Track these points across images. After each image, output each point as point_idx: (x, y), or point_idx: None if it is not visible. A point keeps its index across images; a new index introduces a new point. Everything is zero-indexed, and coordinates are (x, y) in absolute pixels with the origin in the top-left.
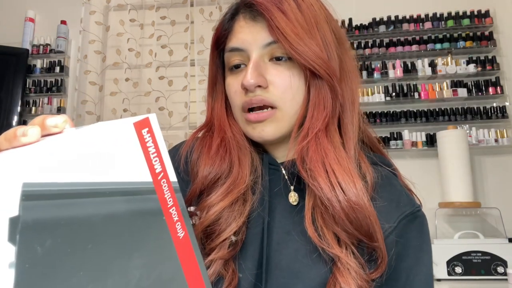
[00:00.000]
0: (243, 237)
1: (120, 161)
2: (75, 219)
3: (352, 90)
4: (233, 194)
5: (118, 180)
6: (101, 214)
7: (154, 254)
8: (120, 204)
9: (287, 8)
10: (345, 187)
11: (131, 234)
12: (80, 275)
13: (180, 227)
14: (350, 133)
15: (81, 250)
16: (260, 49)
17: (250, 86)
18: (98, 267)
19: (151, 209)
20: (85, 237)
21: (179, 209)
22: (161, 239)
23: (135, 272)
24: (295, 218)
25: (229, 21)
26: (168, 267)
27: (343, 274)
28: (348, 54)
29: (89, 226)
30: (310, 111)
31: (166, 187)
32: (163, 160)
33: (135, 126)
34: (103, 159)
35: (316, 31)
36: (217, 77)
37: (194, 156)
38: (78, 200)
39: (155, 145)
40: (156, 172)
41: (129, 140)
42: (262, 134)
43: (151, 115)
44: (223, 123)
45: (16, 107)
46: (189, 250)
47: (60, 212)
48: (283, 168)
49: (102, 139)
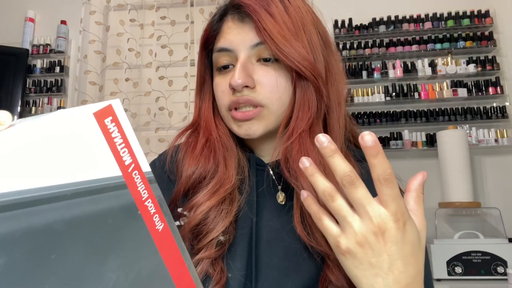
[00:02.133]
0: (231, 237)
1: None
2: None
3: (338, 91)
4: (219, 194)
5: (80, 180)
6: (63, 220)
7: (132, 253)
8: (85, 205)
9: (275, 11)
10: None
11: (103, 236)
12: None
13: (158, 219)
14: (336, 133)
15: (43, 263)
16: (247, 49)
17: (237, 86)
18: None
19: (123, 205)
20: (47, 247)
21: (155, 200)
22: (137, 235)
23: (111, 274)
24: (283, 217)
25: (217, 22)
26: (148, 263)
27: (333, 271)
28: (334, 56)
29: (50, 235)
30: (295, 111)
31: (139, 178)
32: (133, 150)
33: (96, 116)
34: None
35: (303, 33)
36: (205, 77)
37: (179, 155)
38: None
39: (122, 135)
40: (125, 165)
41: (90, 133)
42: (249, 132)
43: (114, 101)
44: (209, 123)
45: (16, 107)
46: (170, 241)
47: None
48: (270, 169)
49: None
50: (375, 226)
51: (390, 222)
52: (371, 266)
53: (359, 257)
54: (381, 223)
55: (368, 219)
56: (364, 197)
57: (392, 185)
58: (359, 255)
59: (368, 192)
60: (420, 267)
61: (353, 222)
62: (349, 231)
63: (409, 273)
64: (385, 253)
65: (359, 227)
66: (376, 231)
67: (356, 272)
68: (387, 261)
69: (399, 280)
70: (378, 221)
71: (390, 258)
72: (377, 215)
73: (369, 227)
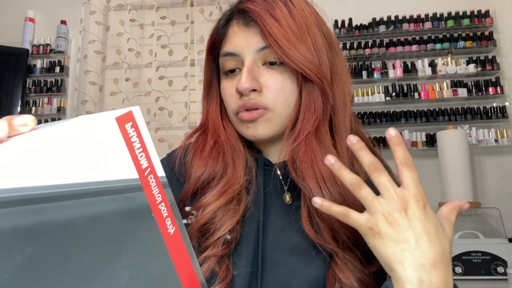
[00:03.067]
0: (237, 235)
1: (102, 159)
2: (55, 223)
3: (344, 92)
4: (228, 194)
5: (101, 180)
6: (84, 216)
7: (144, 253)
8: (105, 204)
9: (279, 15)
10: (331, 188)
11: (119, 234)
12: (65, 281)
13: (170, 223)
14: (342, 134)
15: (64, 255)
16: (253, 54)
17: (244, 90)
18: (84, 271)
19: (139, 206)
20: (68, 241)
21: (168, 204)
22: (150, 237)
23: (124, 272)
24: (290, 217)
25: (223, 27)
26: (159, 265)
27: (341, 269)
28: (339, 58)
29: (72, 229)
30: (301, 113)
31: (154, 182)
32: (150, 155)
33: (118, 121)
34: (83, 158)
35: (308, 36)
36: (212, 81)
37: (188, 157)
38: (58, 204)
39: (140, 140)
40: (142, 168)
41: (111, 136)
42: (255, 133)
43: (134, 108)
44: (217, 126)
45: (16, 107)
46: (180, 245)
47: (39, 217)
48: (277, 169)
49: (82, 137)
50: (399, 204)
51: (412, 201)
52: (399, 242)
53: (389, 235)
54: (404, 202)
55: (392, 199)
56: (388, 181)
57: (412, 168)
58: (389, 232)
59: (390, 178)
60: (445, 250)
61: (379, 205)
62: (377, 213)
63: (436, 249)
64: (410, 228)
65: (385, 207)
66: (400, 209)
67: (385, 250)
68: (413, 236)
69: (427, 255)
70: (401, 200)
71: (416, 234)
72: (400, 195)
73: (394, 205)
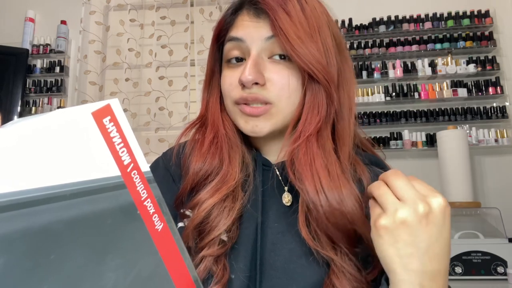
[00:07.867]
0: (234, 235)
1: (79, 157)
2: (30, 230)
3: (350, 96)
4: (222, 191)
5: (79, 180)
6: (62, 220)
7: (131, 252)
8: (84, 205)
9: (291, 10)
10: (328, 193)
11: (102, 235)
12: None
13: (157, 219)
14: (345, 139)
15: (42, 263)
16: (260, 42)
17: (247, 82)
18: (66, 277)
19: (122, 205)
20: (46, 247)
21: (154, 200)
22: (137, 235)
23: (110, 274)
24: (289, 219)
25: (231, 15)
26: (147, 263)
27: (338, 277)
28: (347, 62)
29: (49, 235)
30: (304, 114)
31: (138, 178)
32: (132, 150)
33: (94, 116)
34: (57, 158)
35: (318, 35)
36: (214, 71)
37: (187, 150)
38: (32, 209)
39: (120, 134)
40: (124, 164)
41: (88, 133)
42: (255, 129)
43: (112, 100)
44: (217, 118)
45: (16, 107)
46: (170, 241)
47: (11, 225)
48: (276, 169)
49: (55, 134)
50: (422, 207)
51: (434, 205)
52: (407, 245)
53: (395, 234)
54: (426, 206)
55: (412, 201)
56: (409, 184)
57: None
58: (396, 231)
59: (411, 182)
60: (447, 263)
61: (396, 204)
62: (390, 210)
63: (444, 262)
64: (426, 233)
65: (402, 207)
66: (422, 213)
67: (390, 250)
68: (426, 242)
69: (433, 264)
70: (424, 203)
71: (430, 239)
72: (422, 198)
73: (414, 207)
